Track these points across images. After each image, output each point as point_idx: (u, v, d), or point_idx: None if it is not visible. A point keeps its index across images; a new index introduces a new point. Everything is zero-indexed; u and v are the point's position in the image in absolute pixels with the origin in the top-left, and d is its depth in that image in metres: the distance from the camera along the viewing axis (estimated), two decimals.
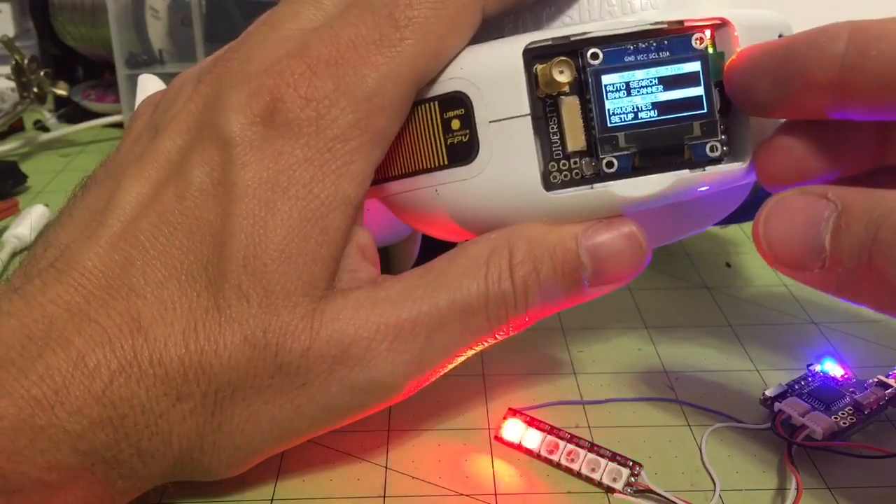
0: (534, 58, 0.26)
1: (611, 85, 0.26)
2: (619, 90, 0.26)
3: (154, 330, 0.25)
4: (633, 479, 0.28)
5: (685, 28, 0.26)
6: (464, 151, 0.27)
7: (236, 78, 0.27)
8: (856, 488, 0.29)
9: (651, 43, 0.26)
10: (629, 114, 0.26)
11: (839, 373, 0.33)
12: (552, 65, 0.25)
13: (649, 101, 0.26)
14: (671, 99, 0.26)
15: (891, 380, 0.32)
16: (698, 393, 0.34)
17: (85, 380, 0.24)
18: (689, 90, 0.26)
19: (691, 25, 0.26)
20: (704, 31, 0.26)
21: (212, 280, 0.26)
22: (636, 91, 0.26)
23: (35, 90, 0.64)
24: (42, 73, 0.64)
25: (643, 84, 0.26)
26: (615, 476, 0.28)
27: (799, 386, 0.32)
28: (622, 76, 0.26)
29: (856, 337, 0.37)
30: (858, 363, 0.35)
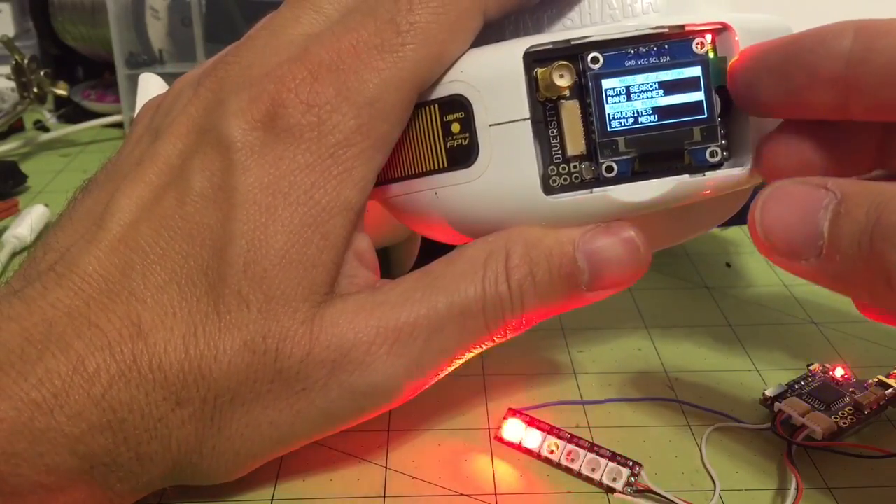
0: (534, 61, 0.26)
1: (611, 89, 0.26)
2: (620, 94, 0.26)
3: (154, 335, 0.25)
4: (633, 479, 0.28)
5: (686, 32, 0.26)
6: (463, 154, 0.27)
7: (237, 82, 0.27)
8: (856, 488, 0.29)
9: (652, 47, 0.26)
10: (629, 118, 0.26)
11: (839, 373, 0.33)
12: (552, 68, 0.25)
13: (650, 106, 0.26)
14: (671, 103, 0.26)
15: (891, 380, 0.32)
16: (698, 393, 0.34)
17: (84, 384, 0.24)
18: (690, 95, 0.26)
19: (692, 30, 0.26)
20: (705, 36, 0.26)
21: (212, 285, 0.26)
22: (636, 95, 0.26)
23: (35, 90, 0.64)
24: (42, 73, 0.64)
25: (644, 88, 0.26)
26: (615, 476, 0.29)
27: (799, 386, 0.32)
28: (623, 80, 0.26)
29: (856, 337, 0.37)
30: (858, 363, 0.35)
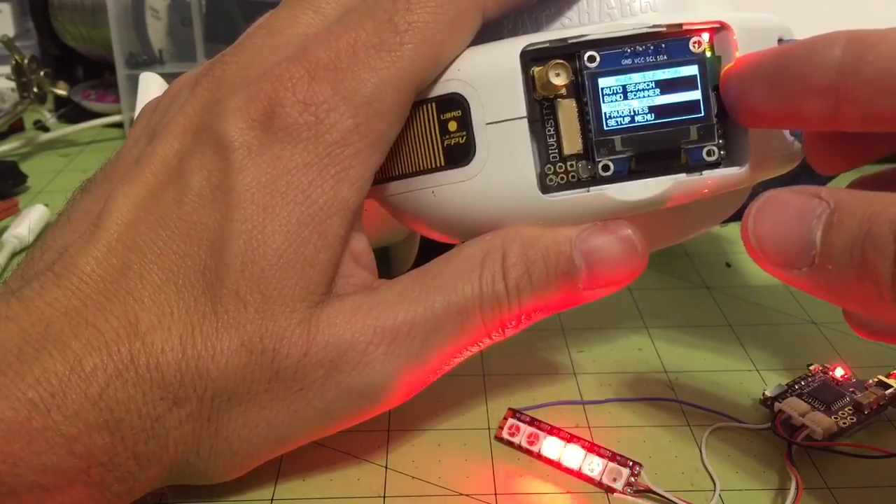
0: (531, 60, 0.26)
1: (607, 88, 0.25)
2: (616, 93, 0.25)
3: (151, 334, 0.25)
4: (633, 479, 0.28)
5: (683, 31, 0.26)
6: (461, 153, 0.26)
7: (235, 82, 0.27)
8: (856, 488, 0.29)
9: (649, 46, 0.26)
10: (626, 117, 0.26)
11: (839, 373, 0.33)
12: (548, 67, 0.25)
13: (646, 105, 0.26)
14: (668, 103, 0.26)
15: (891, 380, 0.32)
16: (698, 393, 0.34)
17: (82, 383, 0.24)
18: (687, 94, 0.26)
19: (690, 29, 0.26)
20: (703, 35, 0.26)
21: (209, 285, 0.26)
22: (633, 94, 0.25)
23: (35, 90, 0.64)
24: (42, 73, 0.64)
25: (640, 87, 0.25)
26: (615, 476, 0.28)
27: (799, 386, 0.32)
28: (619, 79, 0.25)
29: (856, 337, 0.37)
30: (858, 363, 0.35)
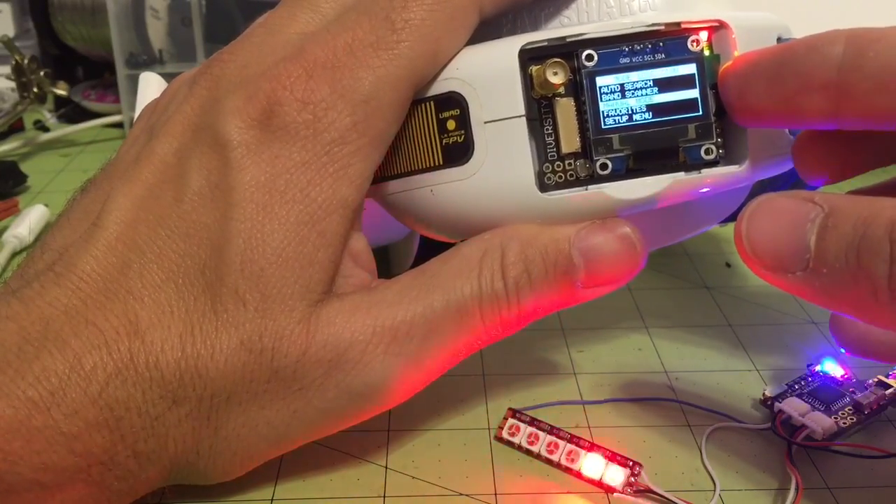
0: (529, 59, 0.26)
1: (605, 87, 0.25)
2: (614, 92, 0.25)
3: (151, 333, 0.25)
4: (633, 479, 0.28)
5: (682, 30, 0.26)
6: (459, 152, 0.26)
7: (233, 81, 0.27)
8: (856, 488, 0.29)
9: (647, 45, 0.26)
10: (623, 116, 0.26)
11: (839, 373, 0.33)
12: (546, 66, 0.25)
13: (644, 104, 0.26)
14: (666, 101, 0.26)
15: (891, 380, 0.32)
16: (698, 393, 0.34)
17: (81, 382, 0.24)
18: (685, 92, 0.26)
19: (688, 27, 0.26)
20: (701, 34, 0.26)
21: (209, 284, 0.26)
22: (631, 93, 0.25)
23: (35, 90, 0.64)
24: (42, 73, 0.64)
25: (638, 86, 0.25)
26: (615, 476, 0.28)
27: (799, 386, 0.32)
28: (617, 78, 0.25)
29: None
30: (858, 363, 0.35)
